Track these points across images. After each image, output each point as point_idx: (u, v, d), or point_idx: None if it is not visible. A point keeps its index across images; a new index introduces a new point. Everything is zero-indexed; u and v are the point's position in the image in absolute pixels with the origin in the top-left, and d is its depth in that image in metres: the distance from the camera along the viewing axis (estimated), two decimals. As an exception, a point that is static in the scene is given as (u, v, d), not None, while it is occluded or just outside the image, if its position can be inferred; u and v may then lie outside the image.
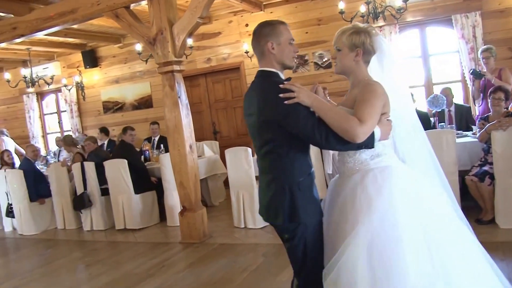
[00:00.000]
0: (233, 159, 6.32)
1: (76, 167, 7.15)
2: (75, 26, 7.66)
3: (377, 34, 2.55)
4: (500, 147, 4.98)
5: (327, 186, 5.35)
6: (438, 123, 6.47)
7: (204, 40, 9.09)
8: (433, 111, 6.56)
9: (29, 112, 10.90)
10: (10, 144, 10.21)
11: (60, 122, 10.96)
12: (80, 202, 7.03)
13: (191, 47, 8.20)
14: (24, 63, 10.13)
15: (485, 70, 6.43)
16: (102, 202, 7.10)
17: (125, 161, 6.78)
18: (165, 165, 6.62)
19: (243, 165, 6.22)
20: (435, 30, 7.86)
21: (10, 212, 7.50)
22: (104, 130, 9.19)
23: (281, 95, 2.33)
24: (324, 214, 2.54)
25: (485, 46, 6.64)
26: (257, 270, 4.69)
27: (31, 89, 10.18)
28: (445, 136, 5.28)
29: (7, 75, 8.73)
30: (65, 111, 10.62)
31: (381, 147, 2.46)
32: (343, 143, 2.33)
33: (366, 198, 2.33)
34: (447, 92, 6.77)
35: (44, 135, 11.25)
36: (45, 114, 11.31)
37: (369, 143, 2.36)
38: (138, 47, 8.18)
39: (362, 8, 6.61)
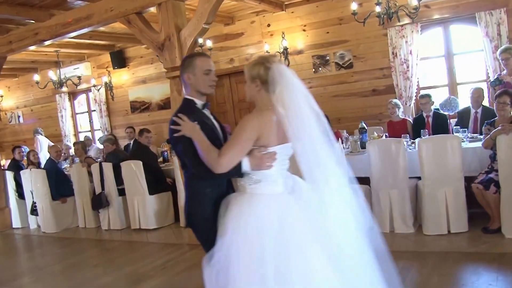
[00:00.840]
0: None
1: (94, 168, 7.38)
2: (101, 28, 7.90)
3: (274, 63, 2.61)
4: (505, 153, 4.78)
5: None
6: (453, 126, 6.26)
7: (228, 41, 9.15)
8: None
9: (61, 111, 11.32)
10: (44, 143, 10.64)
11: (91, 122, 11.33)
12: (98, 201, 7.25)
13: (210, 49, 8.26)
14: (57, 64, 10.48)
15: (505, 73, 6.16)
16: (119, 202, 7.29)
17: (140, 162, 6.92)
18: (178, 166, 6.71)
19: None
20: (459, 28, 7.59)
21: (34, 210, 7.82)
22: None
23: (171, 126, 2.68)
24: None
25: (504, 46, 6.33)
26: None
27: (65, 89, 10.55)
28: (450, 141, 5.11)
29: (36, 77, 9.10)
30: (95, 110, 10.95)
31: (260, 176, 2.61)
32: (212, 172, 2.55)
33: (227, 220, 2.58)
34: (479, 93, 6.44)
35: (76, 134, 11.65)
36: (77, 113, 11.72)
37: (235, 173, 2.59)
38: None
39: (378, 8, 6.46)
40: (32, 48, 7.64)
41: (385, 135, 6.44)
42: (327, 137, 2.62)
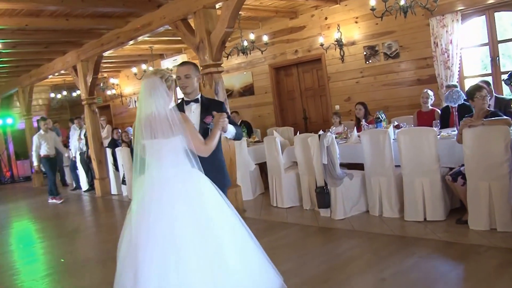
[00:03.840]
0: (268, 147, 7.25)
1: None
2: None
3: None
4: (469, 148, 4.95)
5: (324, 175, 6.04)
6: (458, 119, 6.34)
7: (292, 34, 9.94)
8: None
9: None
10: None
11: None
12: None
13: (266, 44, 9.16)
14: (161, 56, 12.25)
15: None
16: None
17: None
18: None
19: (273, 152, 7.12)
20: (504, 15, 7.45)
21: (124, 181, 9.59)
22: (236, 112, 10.45)
23: None
24: None
25: None
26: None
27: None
28: (426, 134, 5.41)
29: (134, 69, 10.89)
30: (191, 97, 12.50)
31: None
32: None
33: None
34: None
35: (177, 117, 13.35)
36: (178, 99, 13.35)
37: None
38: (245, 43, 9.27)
39: (402, 1, 6.74)
40: (131, 42, 9.14)
41: (399, 124, 6.73)
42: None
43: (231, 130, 3.69)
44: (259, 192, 8.26)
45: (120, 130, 10.34)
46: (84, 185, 11.41)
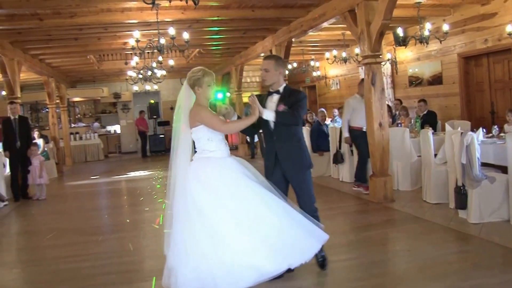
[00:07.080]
0: (423, 140, 7.18)
1: (333, 130, 9.40)
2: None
3: None
4: None
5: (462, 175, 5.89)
6: None
7: (483, 21, 9.27)
8: None
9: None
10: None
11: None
12: (336, 157, 9.26)
13: (446, 33, 8.79)
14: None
15: None
16: (351, 161, 9.07)
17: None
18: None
19: (426, 146, 7.05)
20: None
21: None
22: (424, 100, 10.06)
23: None
24: None
25: None
26: (357, 228, 6.05)
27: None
28: None
29: (327, 54, 11.58)
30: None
31: None
32: None
33: None
34: None
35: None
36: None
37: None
38: (428, 28, 9.14)
39: None
40: (324, 25, 9.43)
41: None
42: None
43: (267, 115, 4.07)
44: (419, 185, 8.14)
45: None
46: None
